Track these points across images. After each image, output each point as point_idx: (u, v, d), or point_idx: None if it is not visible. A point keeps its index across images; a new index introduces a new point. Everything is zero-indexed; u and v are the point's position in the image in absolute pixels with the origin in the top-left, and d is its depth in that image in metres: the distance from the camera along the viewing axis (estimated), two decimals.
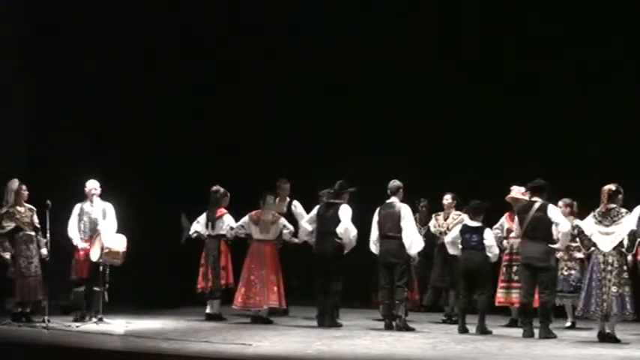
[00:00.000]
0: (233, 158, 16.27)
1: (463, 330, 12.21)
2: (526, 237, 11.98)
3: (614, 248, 11.36)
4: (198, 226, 13.65)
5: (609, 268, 11.33)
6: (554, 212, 11.90)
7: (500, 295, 13.01)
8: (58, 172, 14.39)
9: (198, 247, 13.70)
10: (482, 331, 12.15)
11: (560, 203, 12.78)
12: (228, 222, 13.48)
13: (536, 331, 11.83)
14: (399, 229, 12.51)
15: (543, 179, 12.13)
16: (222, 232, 13.51)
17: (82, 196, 13.15)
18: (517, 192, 12.90)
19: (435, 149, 15.87)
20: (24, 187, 12.86)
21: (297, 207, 13.69)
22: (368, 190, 13.26)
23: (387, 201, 12.69)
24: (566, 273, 12.85)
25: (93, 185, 13.07)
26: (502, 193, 12.93)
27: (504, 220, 13.07)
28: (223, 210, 13.57)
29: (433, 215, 13.92)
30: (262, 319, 13.08)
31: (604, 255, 11.38)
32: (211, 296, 13.45)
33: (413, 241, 12.52)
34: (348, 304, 13.70)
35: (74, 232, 12.98)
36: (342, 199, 12.92)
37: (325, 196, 13.09)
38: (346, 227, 12.71)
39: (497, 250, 12.43)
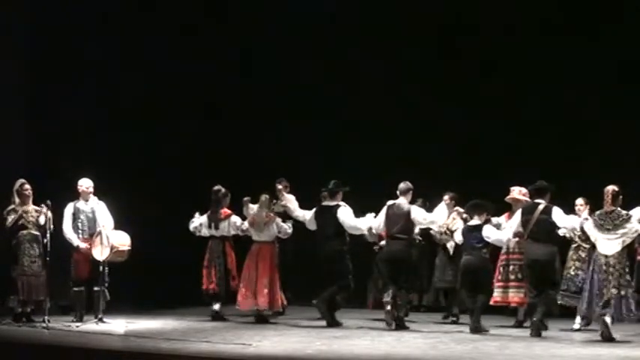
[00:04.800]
0: (233, 158, 16.29)
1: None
2: (530, 238, 11.98)
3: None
4: (201, 226, 13.59)
5: (611, 269, 11.30)
6: (558, 215, 11.89)
7: (496, 295, 12.94)
8: (57, 172, 14.38)
9: (198, 246, 13.68)
10: (477, 329, 12.13)
11: (581, 200, 12.74)
12: (236, 222, 13.44)
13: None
14: (408, 231, 12.54)
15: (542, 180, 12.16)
16: (230, 233, 13.45)
17: (76, 195, 13.10)
18: (518, 192, 12.92)
19: (434, 148, 15.89)
20: (26, 186, 12.84)
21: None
22: (367, 189, 13.27)
23: (396, 201, 12.66)
24: (572, 273, 12.69)
25: (87, 184, 13.02)
26: (502, 194, 12.96)
27: (504, 221, 13.00)
28: (227, 211, 13.55)
29: None
30: (263, 318, 13.06)
31: (605, 257, 11.36)
32: (216, 298, 13.42)
33: (434, 217, 12.60)
34: (347, 304, 13.71)
35: (71, 232, 12.89)
36: (336, 198, 12.91)
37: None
38: (356, 227, 12.74)
39: (501, 235, 12.33)
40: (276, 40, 16.42)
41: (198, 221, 13.58)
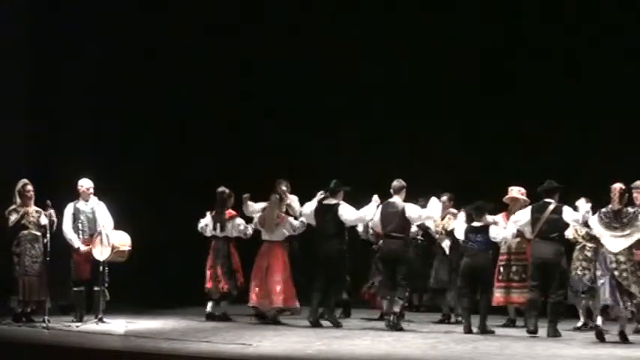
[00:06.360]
0: (234, 158, 16.31)
1: (468, 330, 12.18)
2: (538, 237, 11.99)
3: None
4: (206, 227, 13.58)
5: (622, 267, 11.27)
6: (569, 214, 11.90)
7: (498, 295, 12.94)
8: (58, 172, 14.38)
9: (199, 247, 13.67)
10: (484, 330, 12.15)
11: (583, 200, 12.71)
12: (240, 225, 13.42)
13: (542, 330, 11.84)
14: (402, 229, 12.55)
15: (540, 180, 12.17)
16: (233, 234, 13.41)
17: (76, 195, 13.07)
18: (516, 192, 12.92)
19: (433, 148, 15.89)
20: (28, 187, 12.82)
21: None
22: (366, 189, 13.27)
23: (390, 200, 12.69)
24: (580, 273, 12.60)
25: (88, 184, 13.00)
26: (500, 194, 12.97)
27: (501, 220, 12.98)
28: (232, 212, 13.53)
29: None
30: (272, 319, 13.07)
31: (614, 254, 11.32)
32: (226, 298, 13.40)
33: (429, 213, 12.60)
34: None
35: (72, 233, 12.87)
36: (337, 197, 12.92)
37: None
38: (360, 218, 12.80)
39: (506, 233, 12.36)
40: (276, 41, 16.41)
41: (204, 222, 13.57)
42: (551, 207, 11.94)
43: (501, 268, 12.98)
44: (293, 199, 13.48)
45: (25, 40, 15.37)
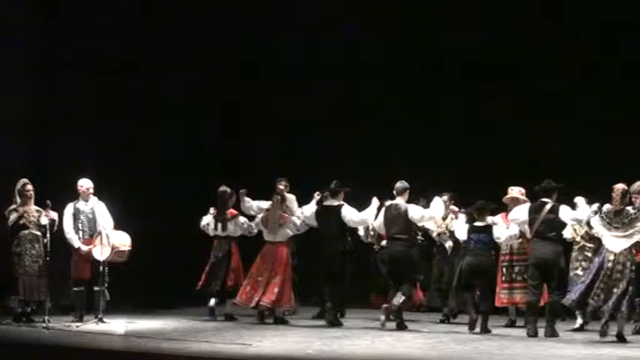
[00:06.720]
0: (234, 158, 16.31)
1: (473, 326, 12.20)
2: (536, 237, 11.98)
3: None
4: (208, 226, 13.57)
5: (619, 267, 11.26)
6: (566, 212, 11.90)
7: (502, 296, 12.97)
8: (57, 172, 14.38)
9: (199, 246, 13.67)
10: (485, 330, 12.15)
11: (583, 200, 12.70)
12: (244, 221, 13.41)
13: (540, 330, 11.83)
14: (407, 231, 12.56)
15: (540, 180, 12.17)
16: (237, 233, 13.42)
17: (76, 195, 13.07)
18: (517, 192, 12.92)
19: (433, 148, 15.89)
20: (28, 187, 12.84)
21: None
22: (366, 190, 13.28)
23: (393, 202, 12.69)
24: (580, 273, 12.49)
25: (88, 184, 13.01)
26: (500, 194, 12.97)
27: (501, 221, 12.98)
28: (234, 211, 13.52)
29: None
30: (279, 319, 13.07)
31: (615, 254, 11.33)
32: (212, 295, 13.40)
33: (432, 214, 12.59)
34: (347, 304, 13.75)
35: (72, 233, 12.88)
36: (338, 198, 12.92)
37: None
38: (362, 220, 12.81)
39: (510, 232, 12.36)
40: (281, 45, 16.42)
41: (206, 221, 13.57)
42: (548, 206, 11.95)
43: (504, 269, 12.98)
44: (291, 199, 13.48)
45: (25, 40, 15.35)
